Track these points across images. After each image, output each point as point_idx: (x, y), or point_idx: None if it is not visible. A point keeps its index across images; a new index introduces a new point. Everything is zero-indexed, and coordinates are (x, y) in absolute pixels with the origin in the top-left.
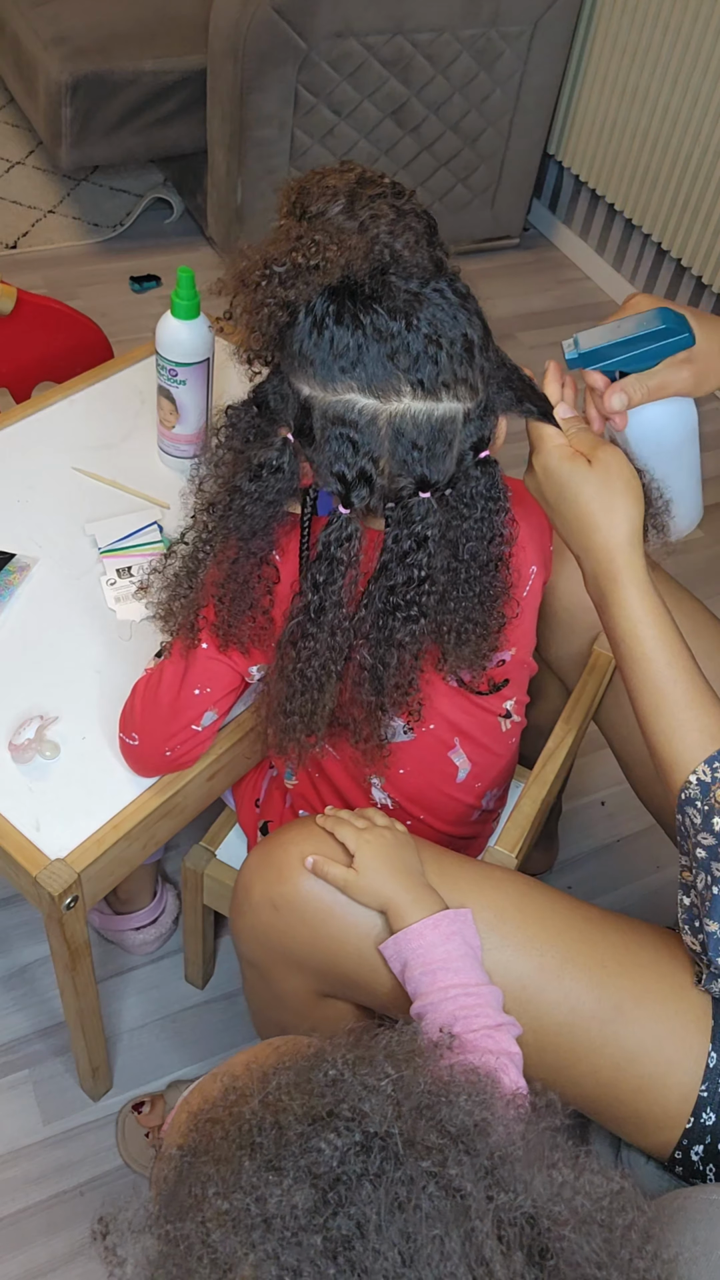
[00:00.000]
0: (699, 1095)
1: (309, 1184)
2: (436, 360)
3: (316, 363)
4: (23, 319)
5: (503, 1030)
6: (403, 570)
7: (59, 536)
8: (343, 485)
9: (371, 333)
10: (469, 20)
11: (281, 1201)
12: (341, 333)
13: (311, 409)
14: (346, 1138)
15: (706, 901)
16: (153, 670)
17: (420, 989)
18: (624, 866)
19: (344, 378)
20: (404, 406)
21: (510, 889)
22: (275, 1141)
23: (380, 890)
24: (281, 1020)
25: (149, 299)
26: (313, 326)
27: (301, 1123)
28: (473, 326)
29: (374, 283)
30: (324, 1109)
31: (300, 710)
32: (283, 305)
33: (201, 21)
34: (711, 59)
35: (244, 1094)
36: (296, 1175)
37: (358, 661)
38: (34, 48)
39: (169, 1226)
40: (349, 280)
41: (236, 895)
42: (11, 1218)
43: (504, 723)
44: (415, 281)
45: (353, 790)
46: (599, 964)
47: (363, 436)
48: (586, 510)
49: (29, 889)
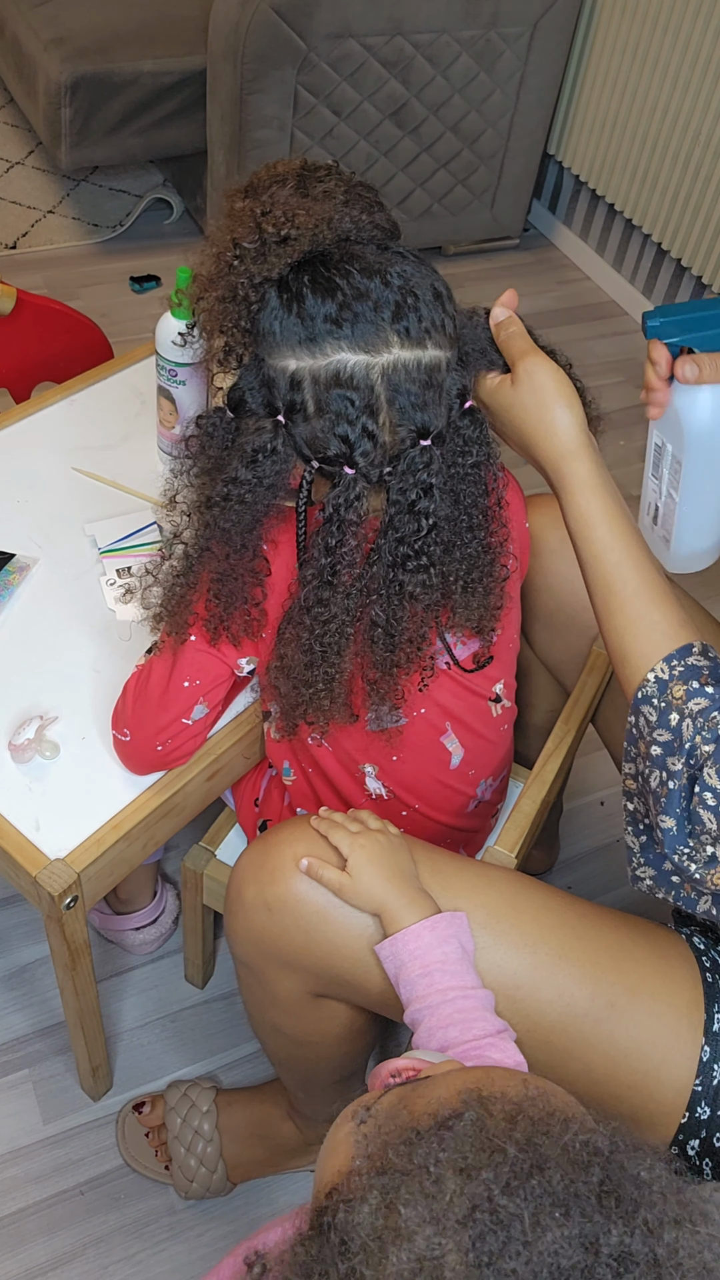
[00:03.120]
0: (693, 1090)
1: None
2: (417, 310)
3: (301, 332)
4: (23, 319)
5: (504, 1038)
6: (411, 520)
7: (59, 536)
8: (346, 445)
9: (350, 292)
10: (469, 21)
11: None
12: (320, 298)
13: (301, 381)
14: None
15: (661, 799)
16: (143, 666)
17: (417, 991)
18: (624, 866)
19: (331, 339)
20: (394, 357)
21: (504, 887)
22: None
23: (374, 894)
24: (276, 1020)
25: (149, 299)
26: (290, 300)
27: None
28: (436, 279)
29: (340, 249)
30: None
31: (323, 678)
32: (256, 284)
33: (201, 22)
34: (711, 59)
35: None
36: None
37: (370, 620)
38: (34, 48)
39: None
40: (314, 251)
41: (230, 896)
42: (11, 1218)
43: (494, 707)
44: (374, 246)
45: (347, 782)
46: (593, 961)
47: (359, 393)
48: (523, 430)
49: (29, 889)
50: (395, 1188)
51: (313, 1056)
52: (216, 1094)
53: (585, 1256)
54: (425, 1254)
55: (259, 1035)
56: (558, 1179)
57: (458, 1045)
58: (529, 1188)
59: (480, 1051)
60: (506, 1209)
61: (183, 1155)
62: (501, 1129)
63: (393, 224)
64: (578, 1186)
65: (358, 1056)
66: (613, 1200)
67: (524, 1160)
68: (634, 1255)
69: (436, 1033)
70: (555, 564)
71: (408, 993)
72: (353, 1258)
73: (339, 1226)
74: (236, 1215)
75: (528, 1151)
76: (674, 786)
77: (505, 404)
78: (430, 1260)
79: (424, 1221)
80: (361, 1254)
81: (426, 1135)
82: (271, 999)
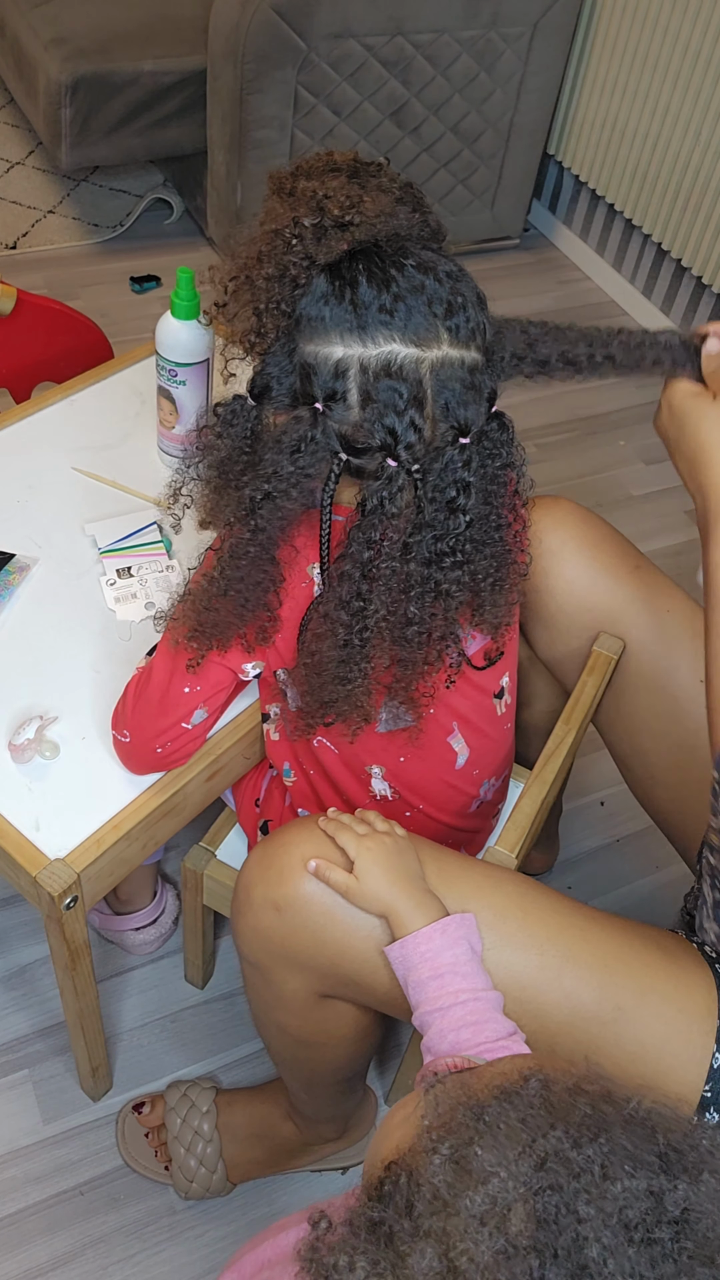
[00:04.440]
0: (702, 1095)
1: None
2: (466, 310)
3: (352, 320)
4: (23, 319)
5: (516, 1040)
6: (449, 517)
7: (59, 536)
8: (391, 437)
9: (406, 285)
10: (469, 21)
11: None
12: (376, 287)
13: (348, 369)
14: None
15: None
16: (143, 668)
17: (428, 993)
18: (624, 866)
19: (385, 330)
20: (443, 354)
21: (511, 889)
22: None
23: (381, 896)
24: (282, 1021)
25: (149, 299)
26: (343, 286)
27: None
28: (477, 285)
29: (391, 243)
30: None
31: (360, 673)
32: (307, 266)
33: (201, 22)
34: (711, 60)
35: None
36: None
37: (404, 617)
38: (34, 48)
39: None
40: (368, 241)
41: (237, 896)
42: (11, 1218)
43: (499, 704)
44: (423, 244)
45: (351, 783)
46: (600, 964)
47: (408, 385)
48: (703, 443)
49: (29, 889)
50: (465, 1143)
51: (317, 1057)
52: (216, 1094)
53: (652, 1208)
54: (497, 1197)
55: (263, 1035)
56: (624, 1140)
57: (470, 1047)
58: (598, 1144)
59: (494, 1054)
60: (577, 1161)
61: (182, 1155)
62: (565, 1097)
63: (440, 226)
64: (642, 1149)
65: (362, 1057)
66: (678, 1164)
67: (590, 1122)
68: (701, 1213)
69: (448, 1035)
70: (556, 565)
71: (417, 995)
72: (419, 1215)
73: (403, 1189)
74: (236, 1216)
75: (593, 1115)
76: None
77: (697, 412)
78: (501, 1205)
79: (496, 1167)
80: (428, 1209)
81: (491, 1103)
82: (278, 999)
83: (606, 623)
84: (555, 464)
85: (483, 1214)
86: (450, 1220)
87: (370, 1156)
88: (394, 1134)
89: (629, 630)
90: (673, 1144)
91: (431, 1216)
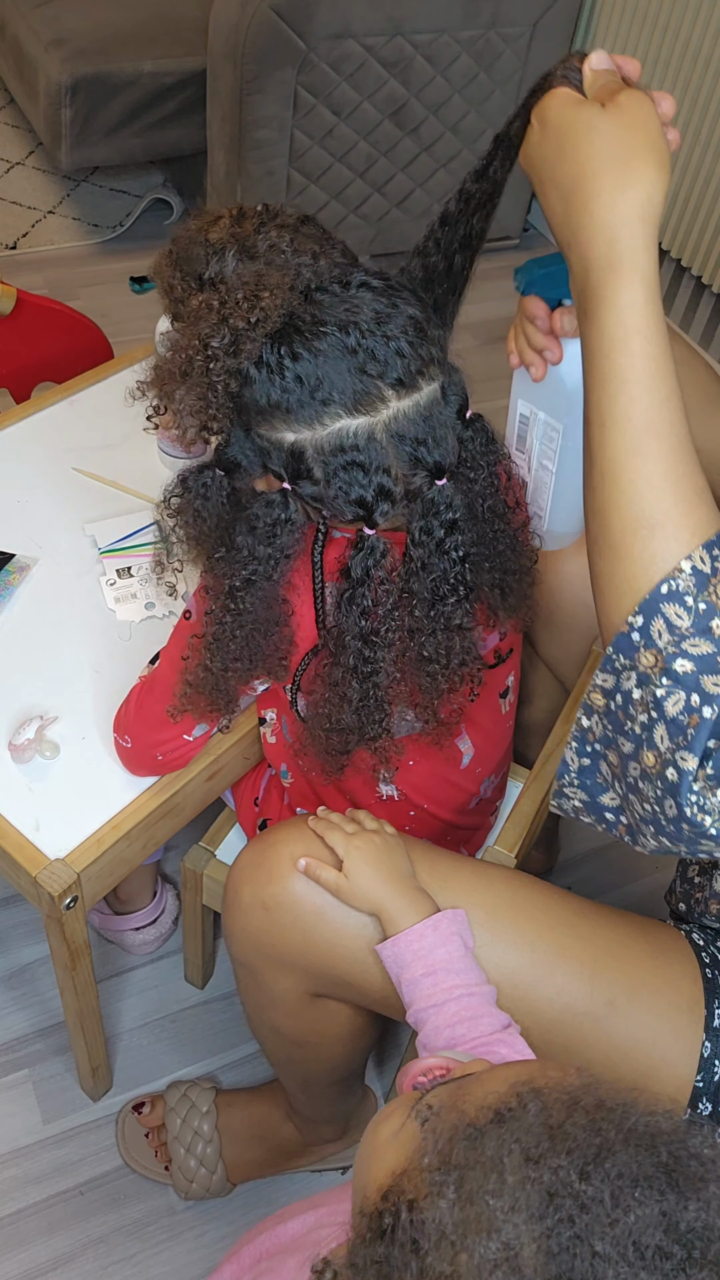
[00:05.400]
0: (695, 1086)
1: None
2: (401, 352)
3: (294, 407)
4: (23, 319)
5: (511, 1033)
6: (442, 560)
7: (59, 536)
8: (363, 508)
9: (333, 355)
10: (468, 21)
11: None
12: (305, 368)
13: (303, 452)
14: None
15: (689, 730)
16: (147, 678)
17: (421, 991)
18: (624, 866)
19: (326, 409)
20: (393, 410)
21: (502, 886)
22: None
23: (371, 894)
24: (275, 1021)
25: (149, 299)
26: (273, 376)
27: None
28: (409, 303)
29: (307, 309)
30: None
31: (381, 720)
32: (235, 374)
33: (201, 23)
34: (711, 60)
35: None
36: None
37: (420, 656)
38: (34, 49)
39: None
40: (284, 318)
41: (227, 896)
42: (11, 1218)
43: (503, 703)
44: (338, 286)
45: (356, 784)
46: (592, 959)
47: (367, 456)
48: (589, 167)
49: (29, 889)
50: (470, 1180)
51: (312, 1057)
52: (216, 1094)
53: (667, 1234)
54: (508, 1240)
55: (258, 1036)
56: (627, 1160)
57: (466, 1042)
58: (604, 1170)
59: (490, 1048)
60: (586, 1193)
61: (182, 1156)
62: (563, 1117)
63: (348, 253)
64: (646, 1167)
65: (357, 1056)
66: (682, 1177)
67: (592, 1145)
68: (710, 1227)
69: (444, 1031)
70: (555, 561)
71: (410, 993)
72: (426, 1255)
73: (406, 1226)
74: (236, 1216)
75: (594, 1136)
76: (710, 715)
77: (582, 124)
78: (512, 1246)
79: (506, 1211)
80: (436, 1251)
81: (488, 1129)
82: (270, 999)
83: None
84: None
85: (496, 1258)
86: (460, 1261)
87: (360, 1175)
88: (385, 1154)
89: None
90: (674, 1154)
91: (440, 1259)
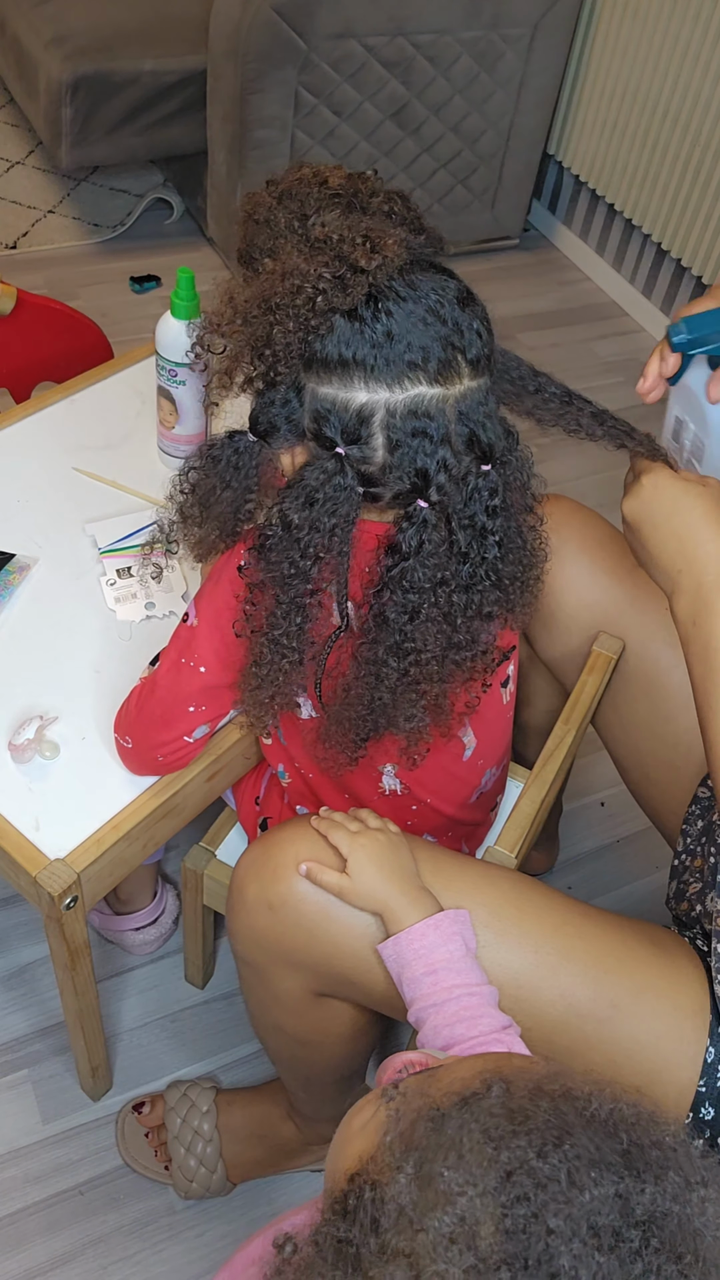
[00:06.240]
0: (697, 1090)
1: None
2: (480, 335)
3: (378, 364)
4: (23, 319)
5: (510, 1033)
6: (484, 546)
7: (59, 536)
8: (423, 479)
9: (427, 320)
10: (470, 22)
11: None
12: (399, 325)
13: (373, 415)
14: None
15: None
16: (147, 680)
17: (421, 990)
18: (624, 866)
19: (412, 371)
20: (464, 387)
21: (506, 887)
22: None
23: (375, 894)
24: (278, 1020)
25: (149, 299)
26: (363, 328)
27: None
28: (481, 304)
29: (404, 277)
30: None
31: (419, 709)
32: (326, 317)
33: (202, 22)
34: (711, 60)
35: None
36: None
37: (450, 642)
38: (34, 47)
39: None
40: (381, 283)
41: (231, 895)
42: (11, 1218)
43: (504, 693)
44: (432, 268)
45: (358, 780)
46: (595, 961)
47: (436, 425)
48: (700, 523)
49: (29, 889)
50: (429, 1160)
51: (314, 1056)
52: (216, 1094)
53: (621, 1214)
54: (465, 1215)
55: (260, 1035)
56: (586, 1143)
57: (464, 1041)
58: (562, 1151)
59: (487, 1047)
60: (543, 1170)
61: (182, 1155)
62: (526, 1102)
63: (438, 236)
64: (606, 1151)
65: (359, 1056)
66: (641, 1163)
67: (553, 1127)
68: (667, 1213)
69: (442, 1030)
70: (556, 564)
71: (411, 992)
72: (385, 1232)
73: (368, 1205)
74: (236, 1215)
75: (555, 1119)
76: None
77: (691, 494)
78: (469, 1222)
79: (462, 1186)
80: (395, 1229)
81: (452, 1112)
82: (274, 998)
83: (606, 622)
84: (555, 464)
85: (451, 1233)
86: (418, 1239)
87: (331, 1164)
88: (354, 1141)
89: (628, 630)
90: (635, 1141)
91: (399, 1236)
